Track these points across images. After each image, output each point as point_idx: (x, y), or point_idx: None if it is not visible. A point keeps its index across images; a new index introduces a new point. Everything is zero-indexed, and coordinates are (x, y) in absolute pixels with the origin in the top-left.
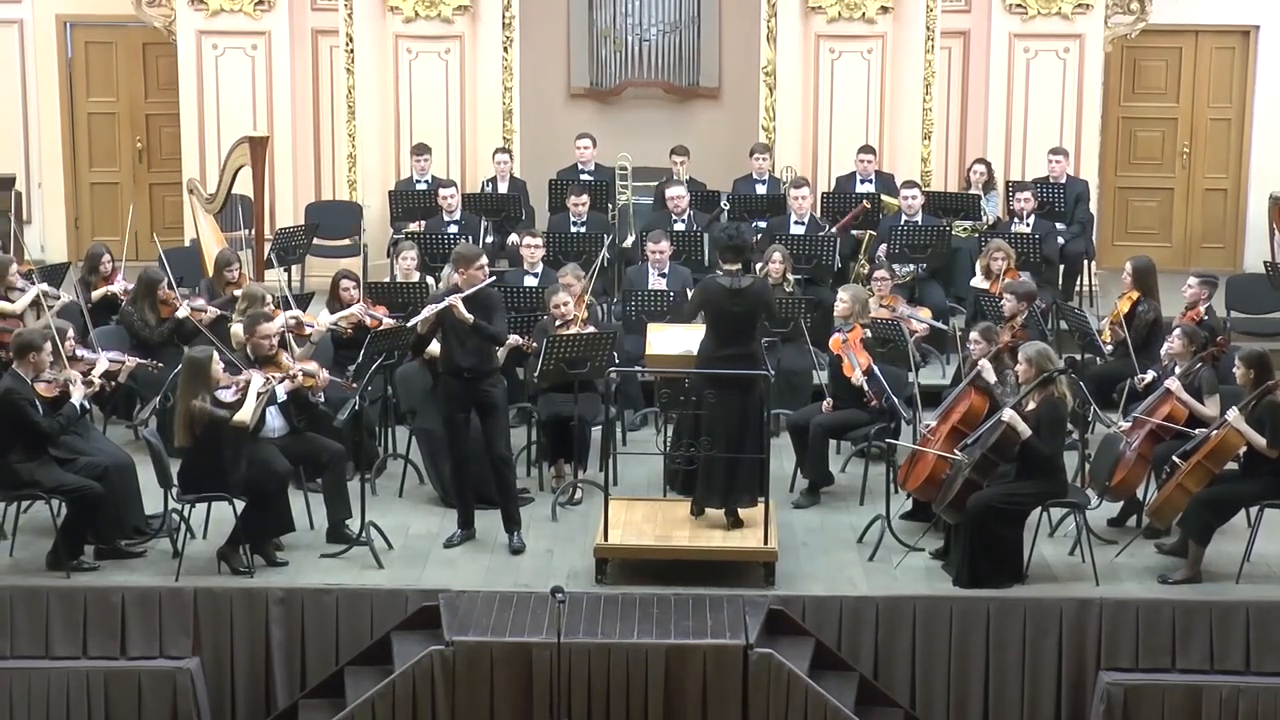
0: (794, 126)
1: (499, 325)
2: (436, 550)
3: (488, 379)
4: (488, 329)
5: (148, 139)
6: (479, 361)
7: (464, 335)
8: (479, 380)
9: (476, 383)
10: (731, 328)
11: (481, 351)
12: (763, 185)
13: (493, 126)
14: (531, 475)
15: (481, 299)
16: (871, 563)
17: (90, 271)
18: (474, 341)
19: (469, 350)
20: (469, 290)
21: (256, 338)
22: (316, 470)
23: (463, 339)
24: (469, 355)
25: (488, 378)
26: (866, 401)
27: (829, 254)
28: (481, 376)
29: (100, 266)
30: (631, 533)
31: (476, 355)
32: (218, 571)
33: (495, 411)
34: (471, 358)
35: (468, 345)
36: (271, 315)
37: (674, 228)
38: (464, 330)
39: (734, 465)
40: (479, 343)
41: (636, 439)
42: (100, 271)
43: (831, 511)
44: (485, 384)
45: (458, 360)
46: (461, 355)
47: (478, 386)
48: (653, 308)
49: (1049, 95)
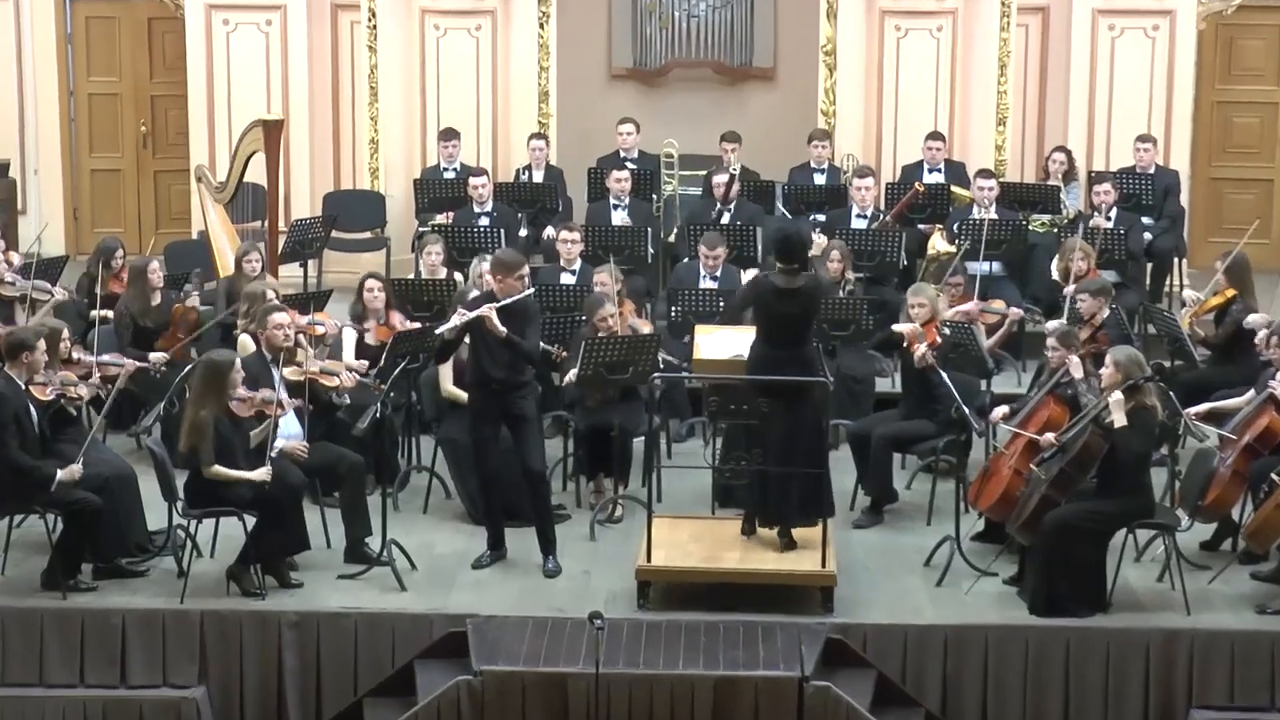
0: (856, 110)
1: (532, 340)
2: (464, 571)
3: (518, 390)
4: (521, 346)
5: (153, 122)
6: (510, 373)
7: (494, 345)
8: (509, 392)
9: (506, 394)
10: (783, 330)
11: (513, 363)
12: (821, 175)
13: (527, 110)
14: (568, 491)
15: (517, 311)
16: (939, 588)
17: (102, 267)
18: (506, 352)
19: (499, 361)
20: (505, 300)
21: (270, 329)
22: (334, 483)
23: (492, 348)
24: (499, 366)
25: (518, 389)
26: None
27: (893, 250)
28: (512, 388)
29: (113, 262)
30: (677, 553)
31: (507, 366)
32: (226, 593)
33: (526, 424)
34: (502, 369)
35: (498, 355)
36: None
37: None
38: (495, 341)
39: (789, 480)
40: (510, 353)
41: (683, 451)
42: (113, 268)
43: (895, 532)
44: (516, 395)
45: (487, 370)
46: (491, 365)
47: (508, 398)
48: (701, 308)
49: (1136, 77)
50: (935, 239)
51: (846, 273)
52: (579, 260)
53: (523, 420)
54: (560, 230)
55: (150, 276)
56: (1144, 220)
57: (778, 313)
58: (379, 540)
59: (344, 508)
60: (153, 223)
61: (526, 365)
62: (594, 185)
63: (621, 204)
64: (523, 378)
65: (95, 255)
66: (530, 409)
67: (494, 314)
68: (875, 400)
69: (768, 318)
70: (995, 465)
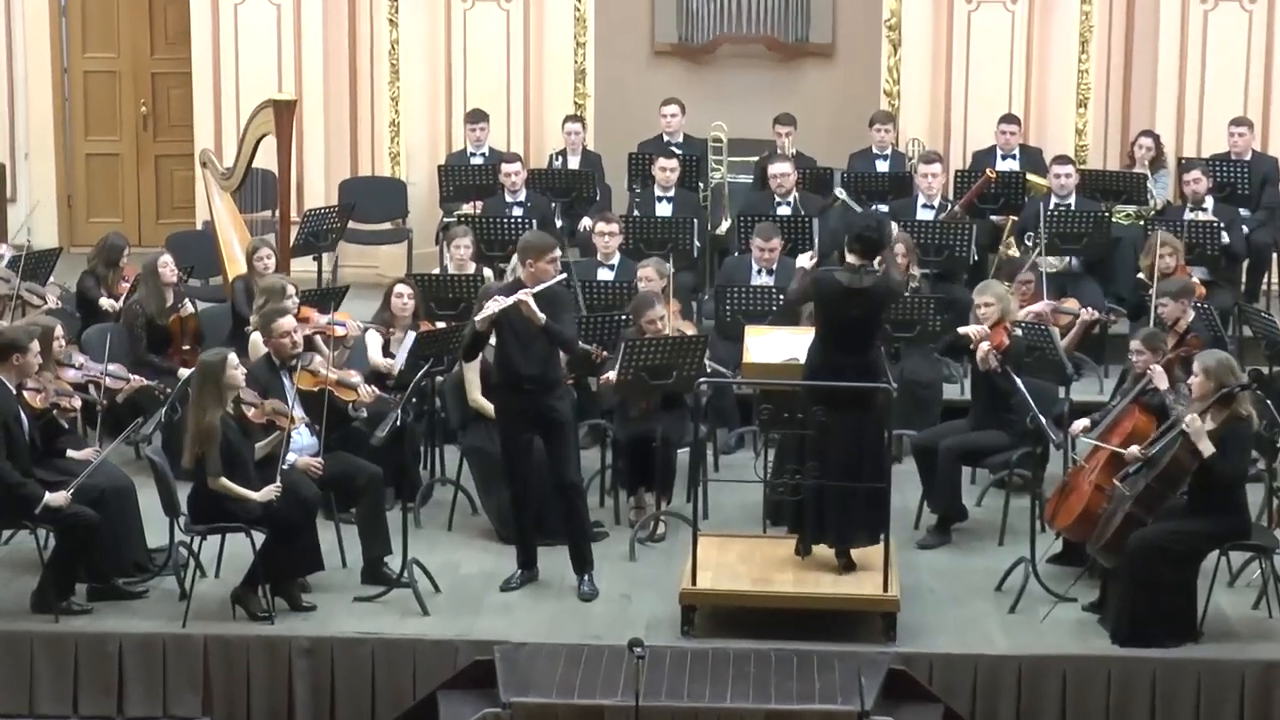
0: (922, 91)
1: (570, 328)
2: (492, 594)
3: (553, 391)
4: (560, 333)
5: (153, 103)
6: (544, 370)
7: (527, 339)
8: (543, 393)
9: (540, 396)
10: (847, 334)
11: (547, 359)
12: (884, 161)
13: (562, 90)
14: (605, 506)
15: (549, 298)
16: (1012, 615)
17: (106, 266)
18: (539, 347)
19: (533, 357)
20: (537, 287)
21: (276, 338)
22: (350, 497)
23: (525, 344)
24: (532, 363)
25: (553, 390)
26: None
27: (963, 243)
28: (546, 388)
29: (119, 262)
30: (724, 575)
31: (541, 363)
32: (232, 616)
33: (562, 430)
34: (535, 365)
35: (532, 351)
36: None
37: (777, 211)
38: (528, 334)
39: (848, 496)
40: (545, 349)
41: (731, 464)
42: (118, 268)
43: (964, 553)
44: (550, 397)
45: (518, 369)
46: (523, 363)
47: (542, 401)
48: (752, 306)
49: (1230, 54)
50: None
51: (911, 268)
52: (618, 254)
53: (557, 425)
54: (597, 221)
55: (163, 272)
56: (1240, 212)
57: (841, 315)
58: (399, 560)
59: (361, 524)
60: (153, 212)
61: (561, 362)
62: (634, 172)
63: (667, 195)
64: (557, 375)
65: (99, 253)
66: (566, 412)
67: (531, 299)
68: (943, 408)
69: (830, 321)
70: (1074, 480)
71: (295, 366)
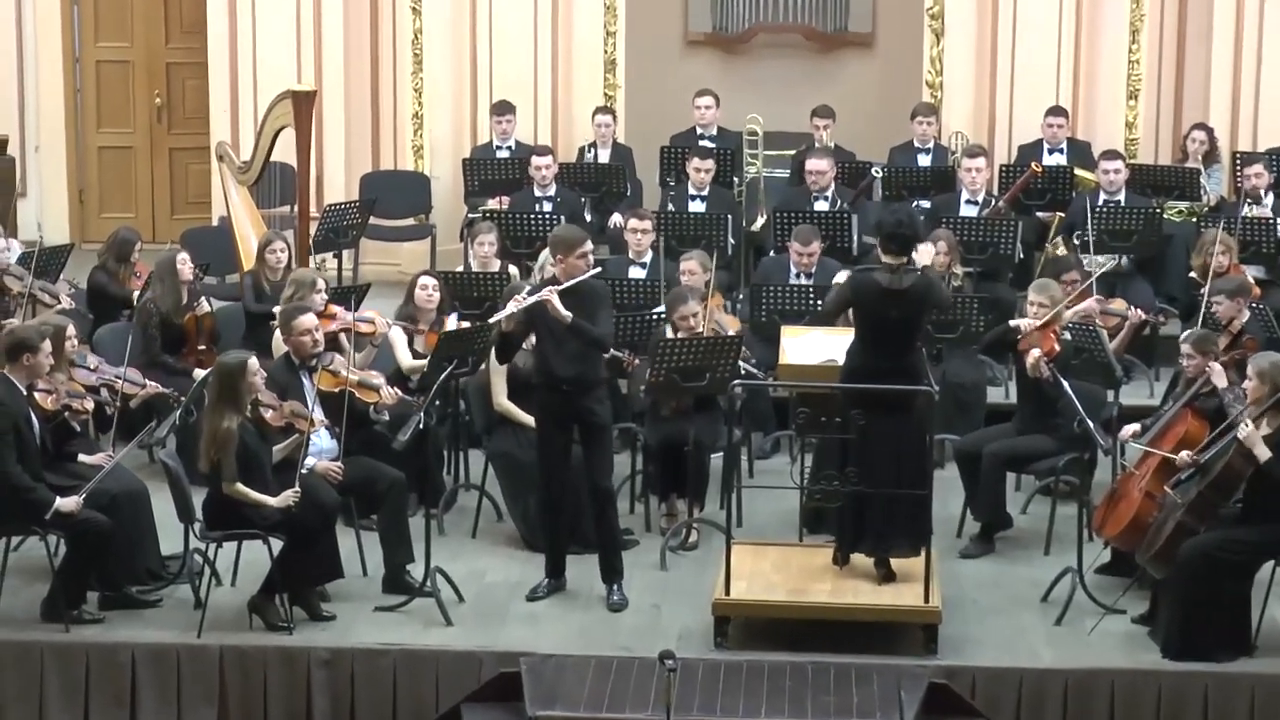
0: (965, 82)
1: (604, 326)
2: (518, 604)
3: (591, 393)
4: (589, 331)
5: (168, 94)
6: (582, 370)
7: (561, 339)
8: (581, 394)
9: (578, 397)
10: (887, 337)
11: (585, 358)
12: (926, 155)
13: (592, 80)
14: (635, 513)
15: (583, 294)
16: (1059, 627)
17: (118, 261)
18: (574, 347)
19: (568, 357)
20: (568, 283)
21: (295, 335)
22: (371, 503)
23: (560, 343)
24: (569, 363)
25: (591, 391)
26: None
27: (1008, 241)
28: (584, 389)
29: (131, 257)
30: (759, 585)
31: (578, 363)
32: (249, 626)
33: (599, 433)
34: (572, 366)
35: (566, 351)
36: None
37: (814, 207)
38: (562, 333)
39: (888, 503)
40: (580, 348)
41: (766, 469)
42: (130, 263)
43: (1009, 562)
44: (589, 399)
45: (555, 369)
46: (560, 363)
47: (580, 402)
48: (789, 305)
49: None
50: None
51: (954, 267)
52: (650, 251)
53: (595, 428)
54: (629, 218)
55: (181, 269)
56: None
57: (881, 318)
58: (421, 568)
59: (382, 531)
60: (167, 207)
61: (599, 361)
62: (667, 166)
63: (700, 194)
64: (596, 376)
65: (109, 248)
66: (604, 415)
67: (555, 297)
68: (986, 412)
69: (869, 323)
70: (1124, 487)
71: (315, 366)
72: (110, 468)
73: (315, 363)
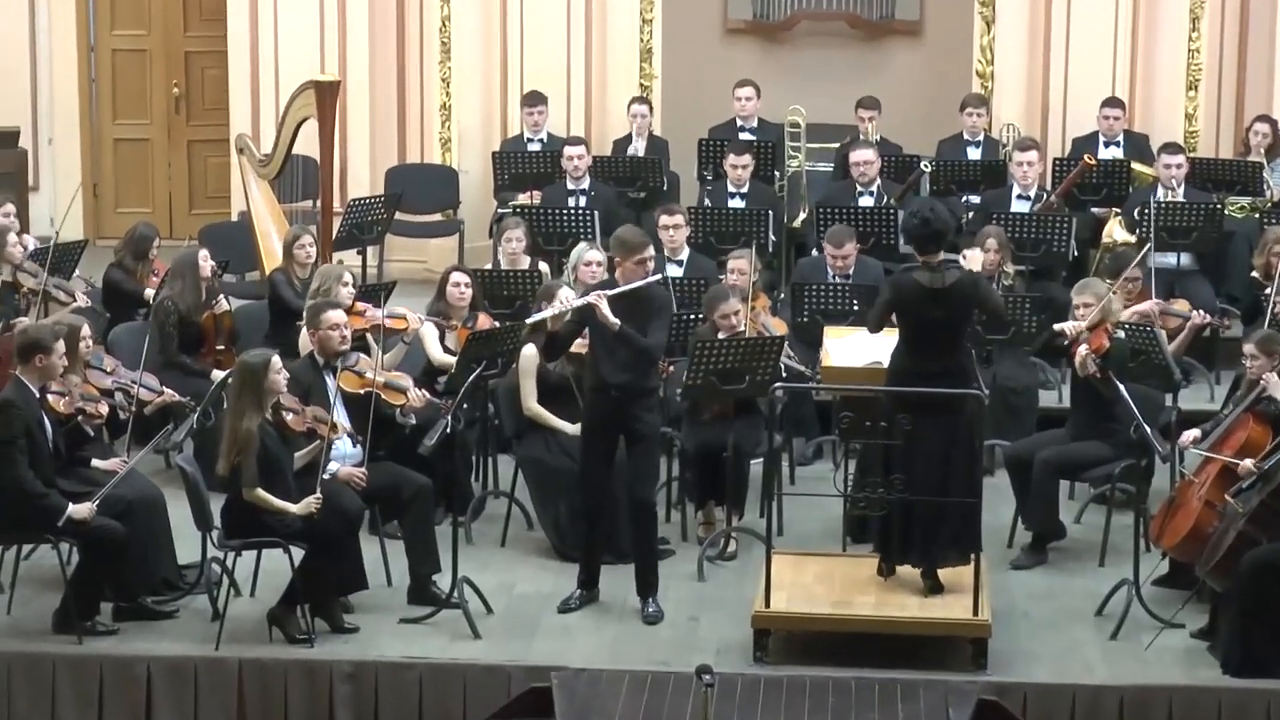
0: (1018, 72)
1: (656, 336)
2: (549, 616)
3: (642, 401)
4: (635, 340)
5: (187, 84)
6: (633, 378)
7: (613, 344)
8: (630, 402)
9: (626, 404)
10: (931, 338)
11: (636, 366)
12: (976, 148)
13: (627, 70)
14: (672, 521)
15: (640, 300)
16: (1114, 641)
17: (135, 258)
18: (626, 353)
19: (620, 363)
20: (625, 287)
21: (324, 329)
22: (396, 511)
23: (611, 349)
24: (620, 369)
25: (642, 399)
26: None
27: (1061, 238)
28: (634, 397)
29: (149, 253)
30: (800, 597)
31: (629, 370)
32: (269, 639)
33: (644, 443)
34: (623, 372)
35: (617, 357)
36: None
37: (858, 202)
38: (613, 338)
39: (936, 512)
40: (632, 355)
41: (808, 476)
42: (147, 259)
43: (1062, 574)
44: (637, 407)
45: (605, 374)
46: (610, 368)
47: (628, 409)
48: (831, 306)
49: None
50: (1112, 226)
51: (1005, 265)
52: (686, 248)
53: (641, 438)
54: (660, 214)
55: (202, 266)
56: None
57: (924, 319)
58: (448, 578)
59: (407, 539)
60: (185, 202)
61: (652, 369)
62: (705, 159)
63: (739, 190)
64: (648, 384)
65: (126, 244)
66: (652, 425)
67: (604, 302)
68: (1039, 417)
69: (912, 325)
70: (1183, 496)
71: (339, 366)
72: (125, 473)
73: (339, 362)
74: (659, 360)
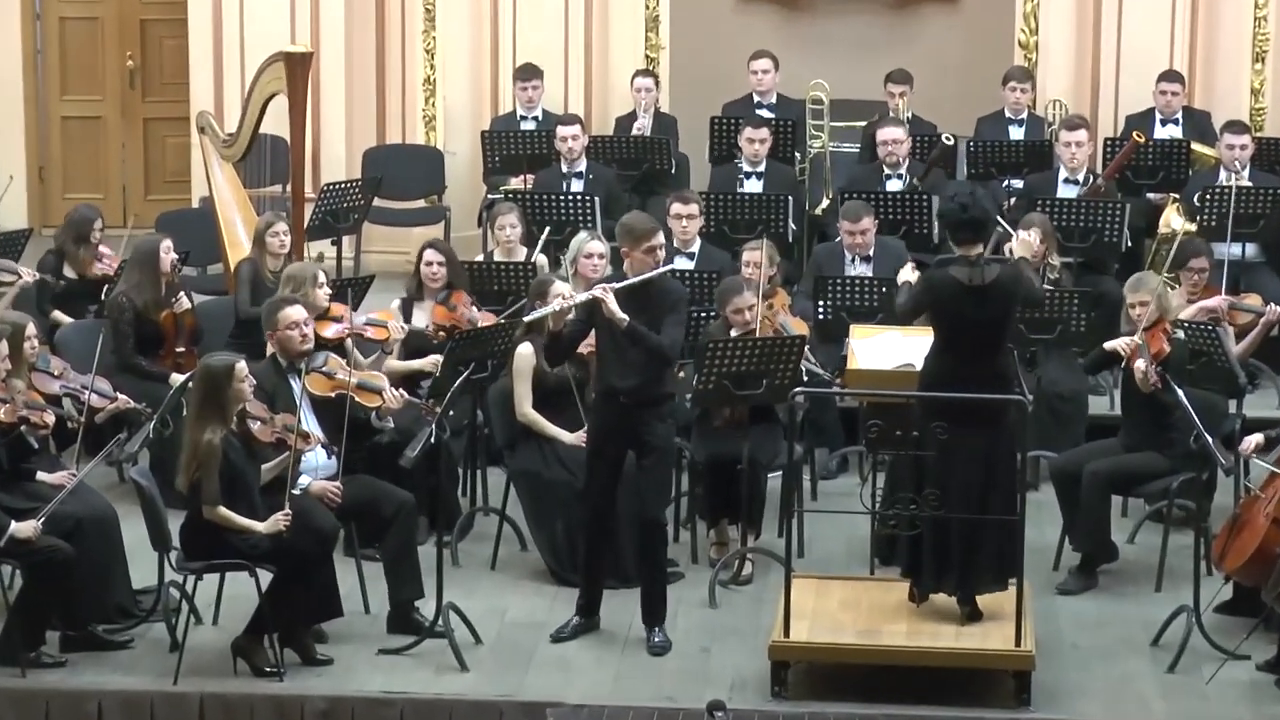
0: (1065, 43)
1: (671, 333)
2: (544, 646)
3: (654, 408)
4: (648, 339)
5: (143, 56)
6: (644, 382)
7: (623, 344)
8: (641, 409)
9: (637, 412)
10: (970, 339)
11: (648, 368)
12: (1019, 127)
13: (632, 41)
14: (681, 541)
15: (651, 294)
16: (1172, 675)
17: (75, 242)
18: (638, 354)
19: (629, 365)
20: (635, 279)
21: (281, 331)
22: (375, 529)
23: (621, 349)
24: (629, 372)
25: (654, 406)
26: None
27: (1113, 226)
28: (646, 404)
29: (90, 236)
30: (824, 625)
31: (640, 372)
32: (233, 672)
33: (656, 456)
34: (632, 376)
35: (628, 358)
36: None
37: (886, 186)
38: (622, 338)
39: (974, 531)
40: (644, 356)
41: (832, 490)
42: (89, 243)
43: (1114, 599)
44: (650, 415)
45: (612, 378)
46: (618, 371)
47: (639, 417)
48: (857, 302)
49: None
50: (1170, 213)
51: (1050, 256)
52: (697, 240)
53: (653, 450)
54: (673, 202)
55: (163, 259)
56: None
57: (963, 317)
58: (433, 604)
59: (387, 561)
60: (141, 186)
61: (665, 372)
62: (718, 140)
63: (755, 171)
64: (661, 390)
65: (65, 227)
66: (665, 436)
67: (610, 296)
68: (1088, 425)
69: (949, 323)
70: (1248, 513)
71: (304, 368)
72: (73, 487)
73: (305, 364)
74: (674, 362)
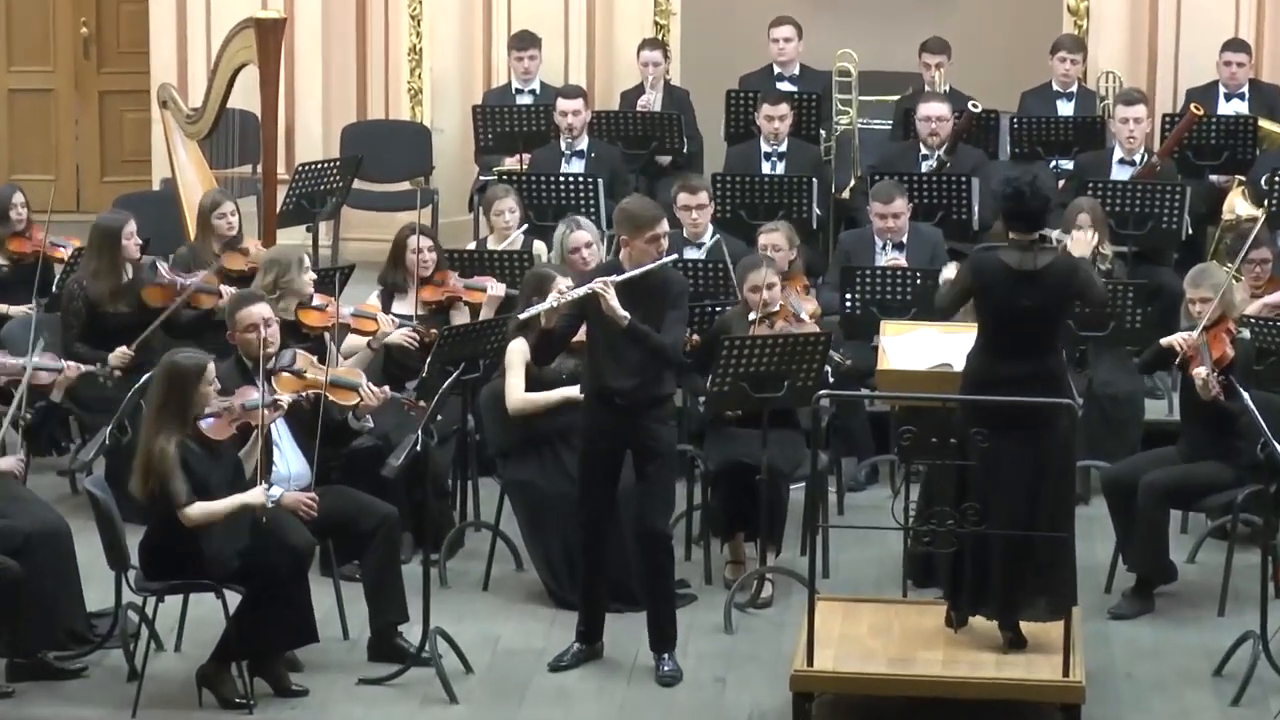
0: (1119, 10)
1: (673, 332)
2: (541, 675)
3: (653, 411)
4: (649, 338)
5: (98, 22)
6: (642, 383)
7: (617, 342)
8: (639, 412)
9: (634, 415)
10: (1018, 332)
11: (644, 367)
12: (1068, 102)
13: (639, 5)
14: (693, 559)
15: (651, 287)
16: (1236, 708)
17: None
18: (636, 353)
19: (626, 365)
20: (634, 271)
21: (239, 333)
22: (355, 547)
23: (617, 348)
24: (626, 372)
25: (653, 408)
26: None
27: (1172, 211)
28: (644, 406)
29: (11, 214)
30: (851, 653)
31: (638, 373)
32: (198, 703)
33: (659, 463)
34: (630, 376)
35: (625, 358)
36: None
37: (921, 167)
38: (618, 336)
39: (1019, 550)
40: (641, 355)
41: (860, 504)
42: (10, 222)
43: (1173, 624)
44: (648, 418)
45: (607, 379)
46: (614, 371)
47: (637, 421)
48: (887, 295)
49: None
50: (1234, 197)
51: (1103, 246)
52: (710, 229)
53: (654, 456)
54: (681, 191)
55: (126, 244)
56: None
57: (1010, 308)
58: (419, 629)
59: (368, 582)
60: (97, 166)
61: (665, 372)
62: (734, 117)
63: (776, 150)
64: (660, 391)
65: None
66: (666, 441)
67: (610, 290)
68: (1144, 432)
69: (995, 316)
70: None
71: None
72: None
73: (273, 363)
74: (676, 363)
